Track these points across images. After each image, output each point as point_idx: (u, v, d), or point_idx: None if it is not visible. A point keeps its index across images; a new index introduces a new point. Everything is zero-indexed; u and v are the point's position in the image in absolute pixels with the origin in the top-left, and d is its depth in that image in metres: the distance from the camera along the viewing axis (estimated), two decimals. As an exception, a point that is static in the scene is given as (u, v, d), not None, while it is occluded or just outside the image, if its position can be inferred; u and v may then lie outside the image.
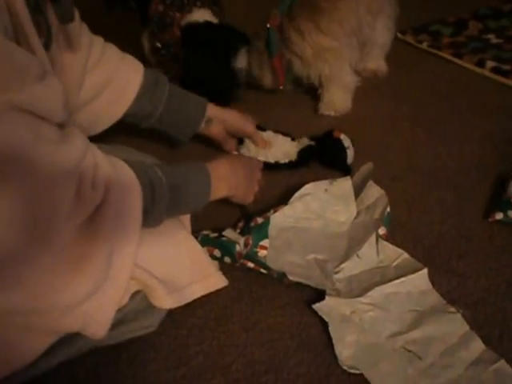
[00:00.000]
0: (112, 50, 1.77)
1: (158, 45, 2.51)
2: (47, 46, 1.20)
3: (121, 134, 2.00)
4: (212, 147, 2.17)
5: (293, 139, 2.18)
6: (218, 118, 2.01)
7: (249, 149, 2.13)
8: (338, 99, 2.41)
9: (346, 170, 2.05)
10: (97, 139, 1.51)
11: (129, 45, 1.87)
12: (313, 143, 2.14)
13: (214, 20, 2.50)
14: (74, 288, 1.10)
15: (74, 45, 1.54)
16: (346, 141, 2.12)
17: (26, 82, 0.97)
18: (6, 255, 0.97)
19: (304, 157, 2.12)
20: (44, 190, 0.99)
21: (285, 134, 2.19)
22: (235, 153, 2.13)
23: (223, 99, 2.26)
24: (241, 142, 2.16)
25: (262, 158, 2.06)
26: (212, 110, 1.99)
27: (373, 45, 2.51)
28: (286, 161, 2.12)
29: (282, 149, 2.13)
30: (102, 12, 2.54)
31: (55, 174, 1.01)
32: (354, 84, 2.47)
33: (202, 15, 2.47)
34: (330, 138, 2.13)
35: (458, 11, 3.28)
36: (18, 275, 1.02)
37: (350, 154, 2.11)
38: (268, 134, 2.15)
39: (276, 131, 2.19)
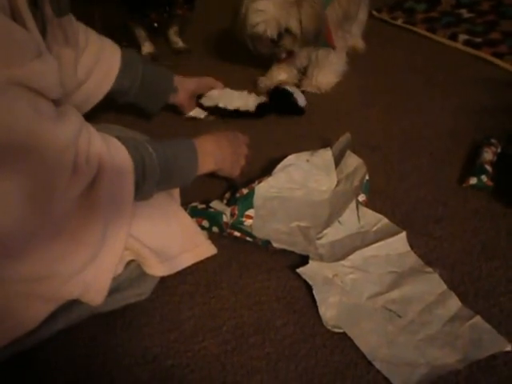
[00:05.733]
0: (92, 33, 1.78)
1: None
2: (43, 37, 1.20)
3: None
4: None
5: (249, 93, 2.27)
6: (181, 86, 2.08)
7: (210, 97, 2.20)
8: (326, 82, 2.41)
9: (299, 112, 2.25)
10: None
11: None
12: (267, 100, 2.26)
13: None
14: (73, 257, 1.13)
15: (71, 40, 1.54)
16: (290, 87, 2.27)
17: (26, 58, 0.97)
18: (10, 225, 0.99)
19: (261, 110, 2.23)
20: (44, 164, 1.00)
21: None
22: (196, 108, 2.24)
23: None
24: (199, 97, 2.23)
25: (222, 104, 2.19)
26: (176, 79, 2.06)
27: (354, 21, 2.49)
28: (245, 109, 2.22)
29: (240, 99, 2.22)
30: None
31: (54, 149, 1.02)
32: (344, 70, 2.48)
33: None
34: (277, 90, 2.27)
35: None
36: (21, 245, 1.03)
37: (299, 97, 2.25)
38: (226, 90, 2.23)
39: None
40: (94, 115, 1.78)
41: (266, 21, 2.08)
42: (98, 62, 1.76)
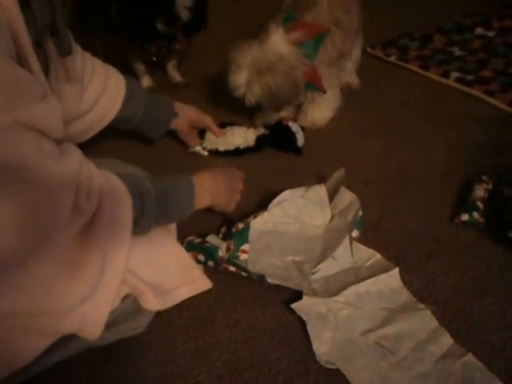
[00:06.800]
0: (99, 63, 1.79)
1: None
2: (46, 76, 1.21)
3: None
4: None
5: (248, 128, 2.30)
6: (182, 112, 2.09)
7: (210, 141, 2.26)
8: (321, 117, 2.42)
9: (296, 152, 2.25)
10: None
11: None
12: (267, 132, 2.27)
13: None
14: (71, 291, 1.13)
15: (72, 76, 1.56)
16: (294, 126, 2.26)
17: (31, 101, 0.99)
18: (9, 261, 0.99)
19: (261, 142, 2.25)
20: (45, 201, 1.01)
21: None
22: (198, 147, 2.28)
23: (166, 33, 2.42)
24: (202, 137, 2.27)
25: (222, 147, 2.23)
26: (176, 105, 2.07)
27: (347, 59, 2.50)
28: (245, 146, 2.25)
29: (240, 137, 2.25)
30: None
31: (55, 186, 1.02)
32: (338, 105, 2.49)
33: None
34: (280, 126, 2.27)
35: (424, 26, 3.29)
36: (20, 280, 1.04)
37: (300, 137, 2.25)
38: (226, 129, 2.28)
39: (231, 124, 2.31)
40: (94, 140, 1.80)
41: (237, 76, 2.14)
42: (104, 92, 1.77)
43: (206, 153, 2.27)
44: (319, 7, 2.20)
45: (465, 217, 1.82)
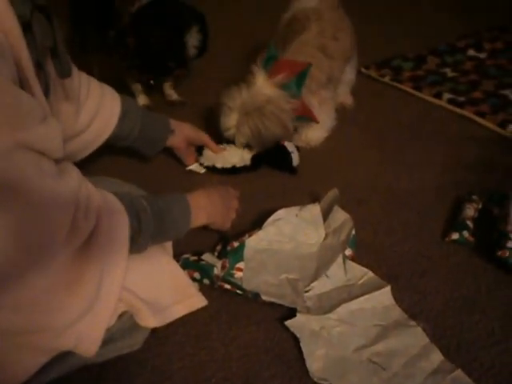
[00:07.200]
0: (94, 83, 1.81)
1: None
2: (46, 96, 1.23)
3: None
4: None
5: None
6: (178, 129, 2.12)
7: (207, 158, 2.29)
8: (315, 137, 2.44)
9: (291, 171, 2.26)
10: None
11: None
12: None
13: None
14: (68, 308, 1.13)
15: (70, 96, 1.58)
16: (290, 146, 2.28)
17: (32, 123, 1.01)
18: (7, 278, 1.00)
19: (256, 161, 2.27)
20: (44, 219, 1.02)
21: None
22: (195, 163, 2.31)
23: (174, 70, 2.52)
24: (199, 153, 2.30)
25: (220, 164, 2.25)
26: (172, 123, 2.10)
27: (339, 82, 2.52)
28: (242, 165, 2.27)
29: (236, 155, 2.28)
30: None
31: (54, 205, 1.04)
32: (333, 125, 2.52)
33: None
34: (275, 146, 2.26)
35: (418, 48, 3.32)
36: (17, 297, 1.04)
37: (295, 157, 2.27)
38: (223, 145, 2.31)
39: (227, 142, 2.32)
40: (91, 158, 1.82)
41: (227, 118, 2.20)
42: (99, 111, 1.79)
43: (203, 170, 2.29)
44: (308, 33, 2.29)
45: (455, 236, 1.84)
